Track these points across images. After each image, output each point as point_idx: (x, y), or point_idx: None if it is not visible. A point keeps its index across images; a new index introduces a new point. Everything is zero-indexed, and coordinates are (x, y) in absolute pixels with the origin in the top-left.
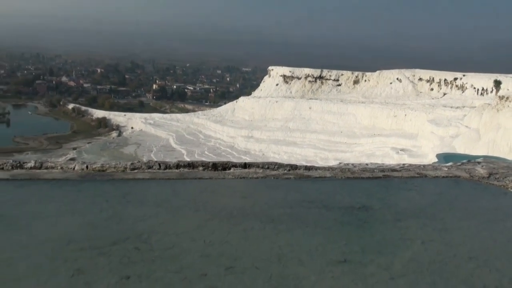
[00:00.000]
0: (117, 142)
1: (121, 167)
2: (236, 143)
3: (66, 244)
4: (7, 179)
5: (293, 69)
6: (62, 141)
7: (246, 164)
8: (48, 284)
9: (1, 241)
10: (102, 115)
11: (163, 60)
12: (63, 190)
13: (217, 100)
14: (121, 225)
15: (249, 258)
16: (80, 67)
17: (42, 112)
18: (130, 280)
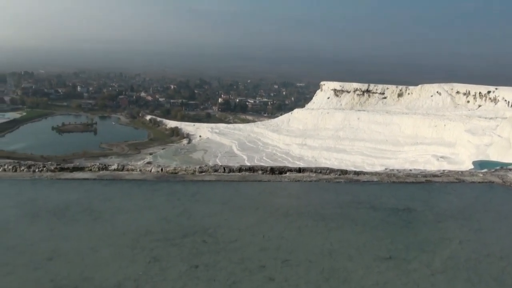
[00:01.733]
0: (187, 148)
1: (191, 170)
2: (291, 150)
3: (144, 236)
4: (94, 179)
5: (343, 83)
6: (140, 147)
7: (300, 169)
8: (128, 269)
9: (90, 231)
10: (174, 125)
11: (228, 77)
12: (141, 189)
13: (274, 112)
14: (191, 220)
15: (303, 253)
16: (156, 83)
17: (124, 122)
18: (198, 268)
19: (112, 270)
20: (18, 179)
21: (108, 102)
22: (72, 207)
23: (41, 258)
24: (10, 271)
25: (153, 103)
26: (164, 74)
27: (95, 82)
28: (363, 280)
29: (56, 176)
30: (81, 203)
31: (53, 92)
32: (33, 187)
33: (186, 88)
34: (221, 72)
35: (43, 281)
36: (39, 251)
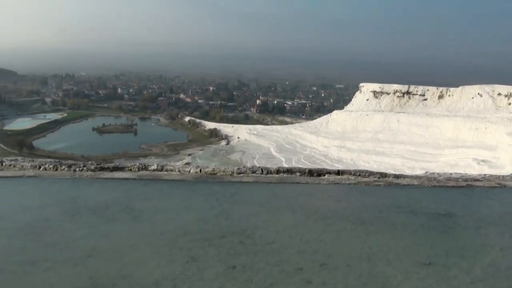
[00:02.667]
0: (226, 149)
1: (229, 171)
2: (329, 152)
3: (182, 235)
4: (134, 178)
5: (383, 85)
6: (179, 148)
7: (339, 171)
8: (166, 268)
9: (129, 230)
10: (213, 127)
11: (266, 79)
12: (180, 189)
13: (312, 114)
14: (229, 221)
15: (341, 256)
16: (195, 85)
17: (164, 123)
18: (235, 269)
19: (150, 268)
20: (59, 178)
21: (148, 104)
22: (112, 206)
23: (81, 255)
24: (50, 267)
25: (192, 104)
26: (203, 76)
27: (135, 84)
28: (401, 286)
29: (96, 175)
30: (121, 202)
31: (94, 94)
32: (74, 186)
33: (225, 90)
34: (259, 74)
35: (82, 277)
36: (78, 248)
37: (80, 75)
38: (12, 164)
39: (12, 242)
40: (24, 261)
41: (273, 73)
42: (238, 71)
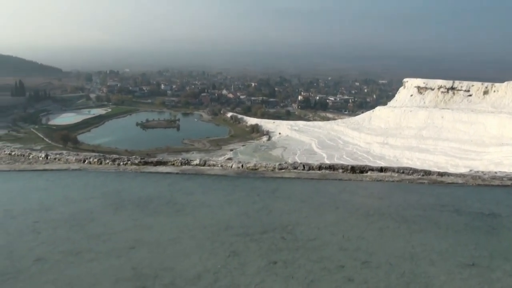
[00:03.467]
0: (267, 145)
1: (271, 167)
2: (372, 149)
3: (224, 230)
4: (177, 173)
5: (427, 80)
6: (221, 143)
7: (382, 168)
8: (208, 261)
9: (171, 223)
10: (254, 122)
11: (308, 74)
12: (222, 184)
13: (355, 110)
14: (270, 217)
15: (384, 255)
16: (237, 81)
17: (206, 119)
18: (276, 265)
19: (192, 261)
20: (103, 171)
21: (190, 100)
22: (155, 199)
23: (124, 246)
24: (94, 258)
25: (234, 100)
26: (245, 72)
27: (178, 80)
28: (444, 286)
29: (140, 169)
30: (164, 196)
31: (138, 90)
32: (118, 179)
33: (267, 85)
34: (301, 69)
35: (125, 268)
36: (122, 240)
37: (124, 72)
38: (57, 158)
39: (57, 232)
40: (69, 251)
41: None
42: (280, 67)
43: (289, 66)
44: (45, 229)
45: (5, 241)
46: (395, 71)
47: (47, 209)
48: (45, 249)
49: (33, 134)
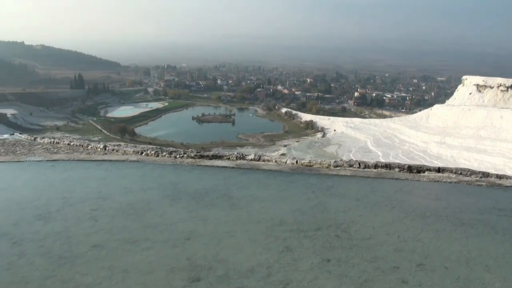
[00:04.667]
0: (321, 142)
1: (326, 164)
2: (428, 148)
3: (278, 225)
4: (232, 167)
5: (486, 78)
6: (275, 139)
7: (439, 169)
8: (261, 256)
9: (226, 216)
10: (309, 119)
11: (365, 70)
12: (277, 179)
13: (412, 107)
14: (325, 214)
15: (439, 258)
16: (293, 77)
17: (261, 114)
18: (330, 262)
19: (246, 255)
20: (161, 163)
21: (246, 95)
22: (211, 192)
23: (180, 237)
24: (150, 247)
25: (289, 96)
26: (301, 68)
27: (234, 75)
28: None
29: (196, 162)
30: (219, 189)
31: (194, 85)
32: (175, 171)
33: (323, 81)
34: (358, 65)
35: (180, 258)
36: (178, 231)
37: (181, 67)
38: (115, 149)
39: (114, 221)
40: (125, 239)
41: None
42: (337, 62)
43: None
44: (102, 217)
45: (64, 227)
46: (454, 68)
47: (105, 198)
48: (102, 236)
49: (91, 125)
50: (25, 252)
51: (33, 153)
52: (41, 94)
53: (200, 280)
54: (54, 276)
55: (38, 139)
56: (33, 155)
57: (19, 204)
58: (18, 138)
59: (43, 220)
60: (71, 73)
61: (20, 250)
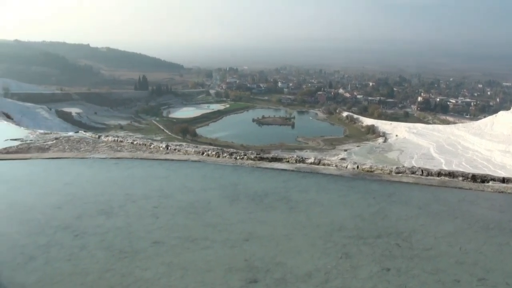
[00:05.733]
0: (382, 147)
1: (387, 170)
2: (492, 157)
3: (337, 230)
4: (292, 170)
5: None
6: (336, 143)
7: (504, 179)
8: (320, 261)
9: (285, 219)
10: (370, 123)
11: (429, 74)
12: (337, 184)
13: (477, 114)
14: (385, 221)
15: (501, 273)
16: (355, 80)
17: (321, 118)
18: (389, 272)
19: (304, 259)
20: (221, 164)
21: (306, 98)
22: (270, 195)
23: (238, 238)
24: (208, 246)
25: (351, 100)
26: (363, 71)
27: (295, 78)
28: None
29: (256, 164)
30: (279, 192)
31: (255, 87)
32: (235, 172)
33: (385, 85)
34: (422, 69)
35: (237, 259)
36: (236, 232)
37: (243, 69)
38: (177, 149)
39: (175, 219)
40: (185, 237)
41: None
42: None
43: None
44: (163, 214)
45: (125, 223)
46: None
47: (166, 196)
48: (162, 233)
49: (154, 125)
50: (87, 245)
51: (97, 151)
52: (105, 94)
53: (257, 281)
54: (114, 270)
55: (102, 137)
56: (97, 152)
57: (83, 198)
58: (82, 135)
59: (105, 215)
60: (136, 75)
61: (81, 242)
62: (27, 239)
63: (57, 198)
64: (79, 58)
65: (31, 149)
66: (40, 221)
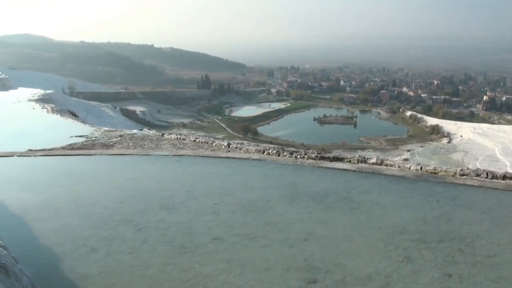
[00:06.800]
0: (446, 148)
1: (451, 172)
2: None
3: (399, 233)
4: (354, 170)
5: None
6: (398, 143)
7: None
8: (380, 264)
9: (347, 220)
10: (435, 123)
11: (494, 72)
12: (400, 186)
13: None
14: (448, 225)
15: None
16: (419, 79)
17: (384, 117)
18: (451, 278)
19: (364, 261)
20: (282, 163)
21: (369, 97)
22: (331, 195)
23: (298, 237)
24: (268, 244)
25: (415, 99)
26: (428, 69)
27: (357, 76)
28: None
29: (317, 164)
30: (340, 192)
31: (317, 86)
32: (295, 171)
33: (450, 83)
34: (487, 66)
35: (297, 258)
36: (296, 231)
37: (304, 68)
38: (238, 147)
39: (235, 216)
40: (245, 235)
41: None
42: (465, 63)
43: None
44: (224, 211)
45: (186, 219)
46: None
47: (227, 193)
48: (222, 230)
49: (216, 123)
50: (148, 239)
51: (160, 148)
52: (169, 93)
53: (316, 282)
54: (174, 264)
55: (166, 135)
56: (160, 149)
57: (145, 194)
58: (146, 133)
59: (167, 210)
60: (198, 74)
61: (143, 236)
62: (90, 231)
63: (120, 193)
64: (144, 58)
65: (96, 146)
66: (103, 215)
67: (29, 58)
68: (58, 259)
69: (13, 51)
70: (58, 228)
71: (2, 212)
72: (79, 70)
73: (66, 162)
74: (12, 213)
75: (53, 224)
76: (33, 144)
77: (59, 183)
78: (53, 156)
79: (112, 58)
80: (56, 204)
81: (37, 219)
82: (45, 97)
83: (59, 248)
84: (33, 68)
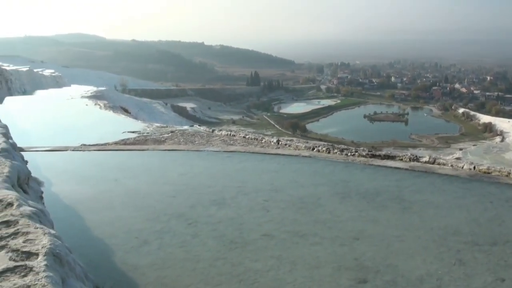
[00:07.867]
0: (499, 147)
1: (505, 172)
2: None
3: (451, 235)
4: (406, 169)
5: None
6: (451, 141)
7: None
8: (432, 265)
9: (397, 220)
10: (488, 120)
11: None
12: (453, 185)
13: None
14: (502, 228)
15: None
16: (472, 75)
17: (436, 114)
18: (504, 283)
19: (416, 263)
20: (332, 160)
21: (421, 93)
22: (382, 193)
23: (348, 236)
24: (318, 242)
25: (468, 95)
26: (481, 64)
27: (409, 72)
28: None
29: (368, 162)
30: (391, 191)
31: (367, 82)
32: (346, 169)
33: (504, 79)
34: None
35: (347, 257)
36: (346, 229)
37: (355, 64)
38: (288, 144)
39: (285, 213)
40: (295, 232)
41: None
42: None
43: None
44: (274, 208)
45: (237, 215)
46: None
47: (277, 190)
48: (272, 226)
49: (265, 120)
50: (199, 233)
51: (210, 144)
52: (219, 90)
53: (366, 282)
54: (225, 259)
55: (216, 131)
56: (211, 145)
57: (196, 189)
58: (196, 129)
59: (217, 205)
60: (248, 71)
61: (194, 231)
62: (142, 224)
63: (172, 187)
64: (194, 56)
65: (148, 141)
66: (156, 208)
67: (82, 57)
68: (110, 250)
69: (66, 50)
70: (111, 220)
71: (57, 204)
72: (131, 68)
73: (119, 156)
74: (67, 205)
75: (106, 216)
76: (86, 139)
77: (112, 177)
78: (106, 151)
79: (163, 56)
80: (109, 197)
81: (90, 211)
82: (98, 94)
83: (112, 239)
84: (86, 66)
